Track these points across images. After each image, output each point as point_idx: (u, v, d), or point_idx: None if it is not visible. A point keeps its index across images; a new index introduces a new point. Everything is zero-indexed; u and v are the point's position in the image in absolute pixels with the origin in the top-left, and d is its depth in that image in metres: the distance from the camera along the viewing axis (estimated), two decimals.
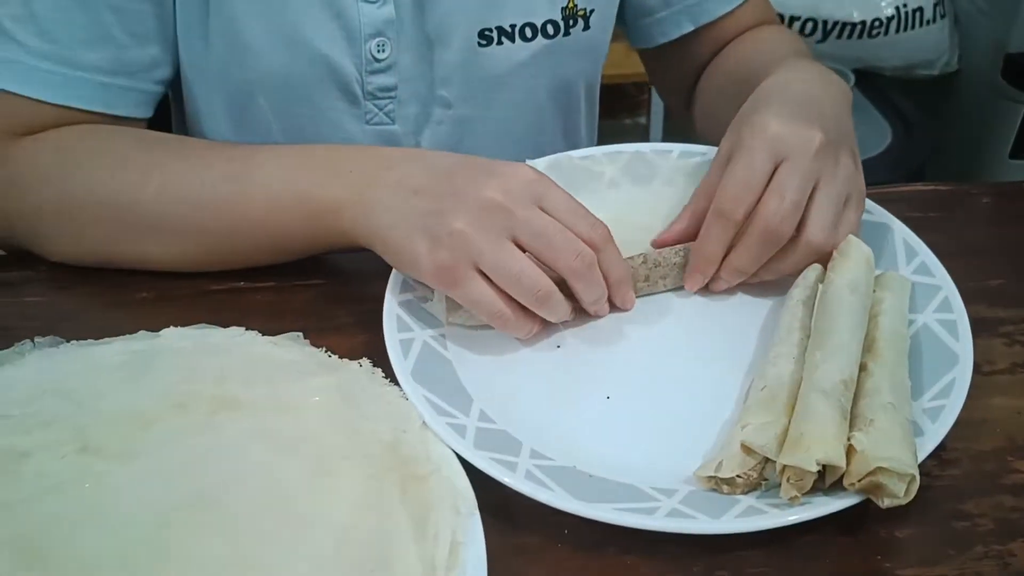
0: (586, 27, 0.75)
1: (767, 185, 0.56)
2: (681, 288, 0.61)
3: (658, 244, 0.62)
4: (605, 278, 0.56)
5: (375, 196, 0.57)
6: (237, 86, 0.72)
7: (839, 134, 0.59)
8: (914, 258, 0.60)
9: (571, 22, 0.74)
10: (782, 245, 0.57)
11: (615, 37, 0.81)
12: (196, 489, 0.46)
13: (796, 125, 0.57)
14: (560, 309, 0.56)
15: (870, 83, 1.53)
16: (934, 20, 1.48)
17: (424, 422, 0.50)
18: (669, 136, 1.60)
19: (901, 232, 0.62)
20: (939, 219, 0.67)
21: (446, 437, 0.49)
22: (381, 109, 0.74)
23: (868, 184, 0.61)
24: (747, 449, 0.48)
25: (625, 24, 0.85)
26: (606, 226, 0.56)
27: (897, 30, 1.47)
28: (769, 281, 0.60)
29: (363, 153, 0.61)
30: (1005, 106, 1.46)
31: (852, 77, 1.41)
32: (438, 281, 0.54)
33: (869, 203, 0.63)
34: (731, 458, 0.48)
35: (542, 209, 0.54)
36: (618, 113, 1.52)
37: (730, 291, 0.61)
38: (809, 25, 1.45)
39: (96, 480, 0.46)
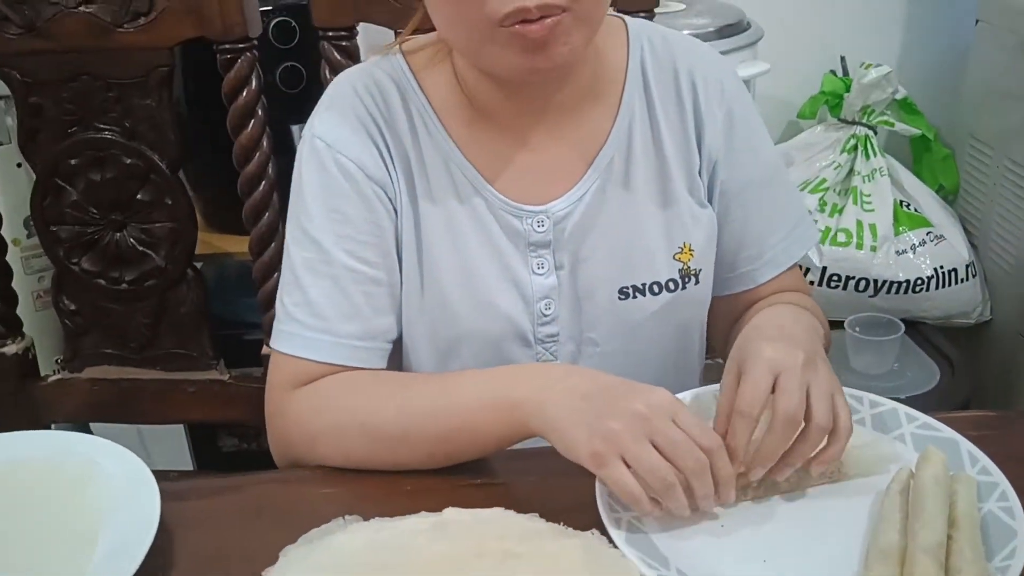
0: (697, 282, 1.00)
1: (772, 392, 0.77)
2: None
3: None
4: (714, 477, 0.76)
5: (549, 398, 0.80)
6: (444, 339, 0.98)
7: (811, 352, 0.81)
8: (977, 463, 0.82)
9: (686, 279, 0.99)
10: (798, 430, 0.77)
11: None
12: None
13: (783, 348, 0.80)
14: (680, 502, 0.74)
15: (917, 331, 1.77)
16: (967, 279, 1.75)
17: (642, 574, 0.72)
18: None
19: (965, 444, 0.84)
20: (989, 436, 0.89)
21: None
22: (547, 350, 0.99)
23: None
24: None
25: None
26: (718, 437, 0.77)
27: (937, 287, 1.73)
28: (868, 481, 0.82)
29: (539, 368, 0.87)
30: None
31: (902, 326, 1.66)
32: (591, 463, 0.75)
33: (938, 423, 0.86)
34: None
35: (673, 421, 0.75)
36: None
37: (842, 492, 0.82)
38: (863, 283, 1.72)
39: None
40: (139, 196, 1.31)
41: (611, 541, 0.75)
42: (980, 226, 1.83)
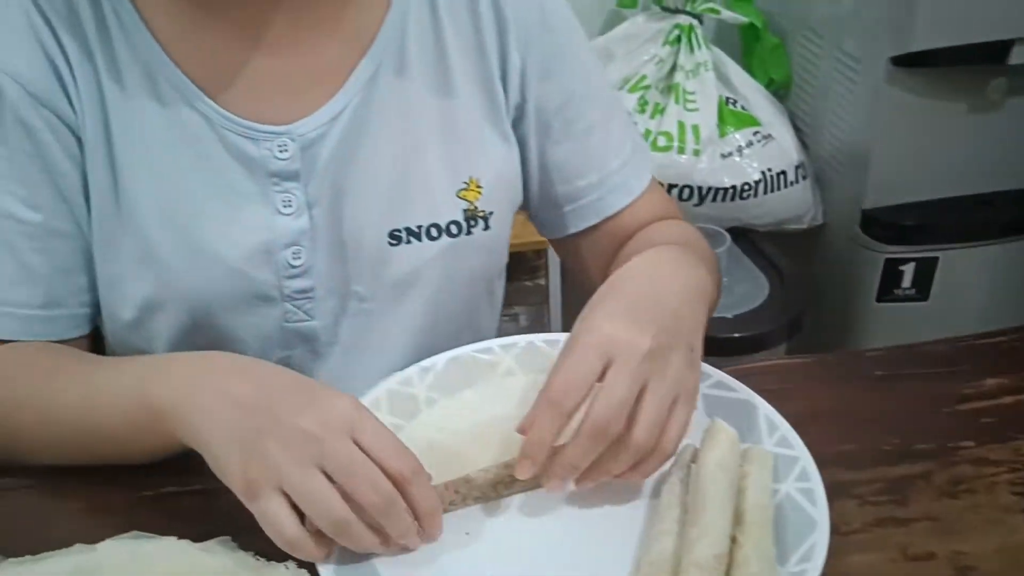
0: (486, 227, 0.82)
1: (594, 383, 0.61)
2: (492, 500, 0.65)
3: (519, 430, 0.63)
4: (414, 510, 0.59)
5: (197, 407, 0.62)
6: (158, 303, 0.77)
7: (673, 333, 0.64)
8: (775, 432, 0.68)
9: (472, 222, 0.81)
10: (609, 442, 0.61)
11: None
12: None
13: (627, 328, 0.62)
14: (363, 539, 0.58)
15: (746, 240, 1.66)
16: (797, 181, 1.63)
17: None
18: (567, 296, 1.70)
19: (763, 408, 0.70)
20: (794, 389, 0.76)
21: None
22: (300, 308, 0.79)
23: (751, 332, 0.69)
24: None
25: (533, 216, 0.91)
26: (415, 458, 0.60)
27: (765, 192, 1.61)
28: None
29: (194, 361, 0.67)
30: (867, 255, 1.59)
31: (728, 237, 1.54)
32: (242, 494, 0.58)
33: (734, 382, 0.72)
34: None
35: (356, 441, 0.58)
36: (520, 276, 1.64)
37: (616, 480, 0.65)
38: (686, 191, 1.58)
39: None
40: None
41: (314, 572, 0.58)
42: (812, 123, 1.71)
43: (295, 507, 0.57)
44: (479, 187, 0.81)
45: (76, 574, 0.57)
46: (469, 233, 0.81)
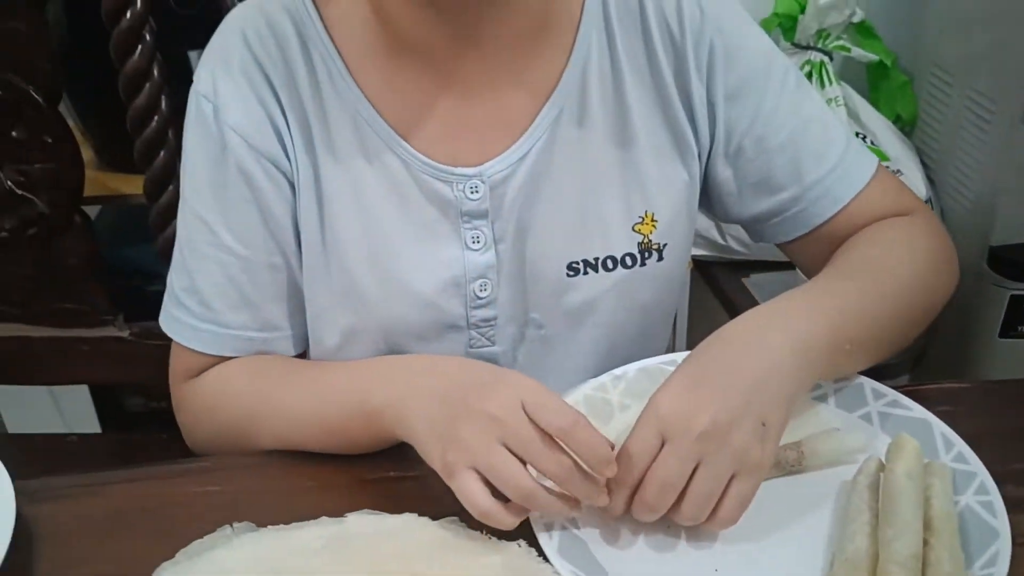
0: (660, 258, 0.86)
1: (654, 458, 0.65)
2: None
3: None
4: (580, 455, 0.64)
5: (406, 405, 0.71)
6: (358, 331, 0.84)
7: (740, 408, 0.66)
8: (952, 448, 0.73)
9: (647, 255, 0.85)
10: (660, 515, 0.66)
11: None
12: None
13: (687, 404, 0.66)
14: (552, 505, 0.65)
15: None
16: None
17: None
18: (692, 324, 1.74)
19: (939, 426, 0.74)
20: (961, 411, 0.79)
21: None
22: (483, 335, 0.86)
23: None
24: None
25: (743, 227, 0.93)
26: (576, 413, 0.64)
27: None
28: (831, 471, 0.73)
29: (399, 364, 0.77)
30: (992, 291, 1.61)
31: None
32: (443, 474, 0.66)
33: (909, 401, 0.77)
34: None
35: (532, 419, 0.64)
36: None
37: (803, 486, 0.72)
38: None
39: None
40: (13, 134, 1.15)
41: (541, 552, 0.65)
42: (938, 159, 1.74)
43: (488, 484, 0.65)
44: (654, 221, 0.85)
45: (333, 541, 0.65)
46: (643, 265, 0.86)
